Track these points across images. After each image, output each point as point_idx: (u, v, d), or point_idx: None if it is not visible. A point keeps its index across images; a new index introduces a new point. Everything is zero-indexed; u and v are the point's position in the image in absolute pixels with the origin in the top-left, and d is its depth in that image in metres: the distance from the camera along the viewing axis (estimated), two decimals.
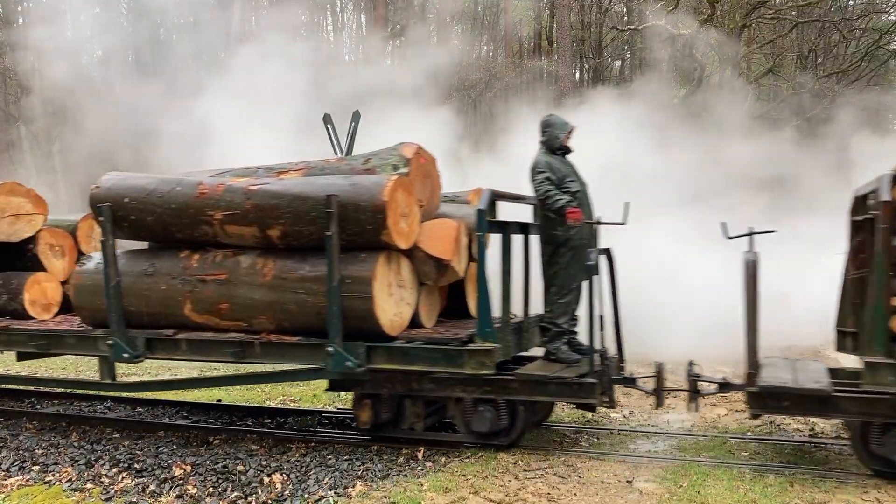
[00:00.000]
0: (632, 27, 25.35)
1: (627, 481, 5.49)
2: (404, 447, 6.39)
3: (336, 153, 9.32)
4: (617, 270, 6.56)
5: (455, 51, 24.53)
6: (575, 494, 5.25)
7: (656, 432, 6.99)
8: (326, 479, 5.74)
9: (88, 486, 5.89)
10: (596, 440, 6.79)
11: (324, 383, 7.04)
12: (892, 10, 24.99)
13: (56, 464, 6.44)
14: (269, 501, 5.43)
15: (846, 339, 6.18)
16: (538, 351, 6.88)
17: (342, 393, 8.49)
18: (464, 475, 5.63)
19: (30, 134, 29.09)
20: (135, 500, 5.58)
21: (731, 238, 5.81)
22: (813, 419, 7.03)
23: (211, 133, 14.84)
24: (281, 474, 5.90)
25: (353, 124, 9.18)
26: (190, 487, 5.75)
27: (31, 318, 7.80)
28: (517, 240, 6.52)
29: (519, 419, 6.22)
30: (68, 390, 9.03)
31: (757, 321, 5.62)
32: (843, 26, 23.98)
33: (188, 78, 19.56)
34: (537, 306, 6.88)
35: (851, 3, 25.59)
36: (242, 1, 22.68)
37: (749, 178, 14.91)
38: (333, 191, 5.82)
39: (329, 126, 9.25)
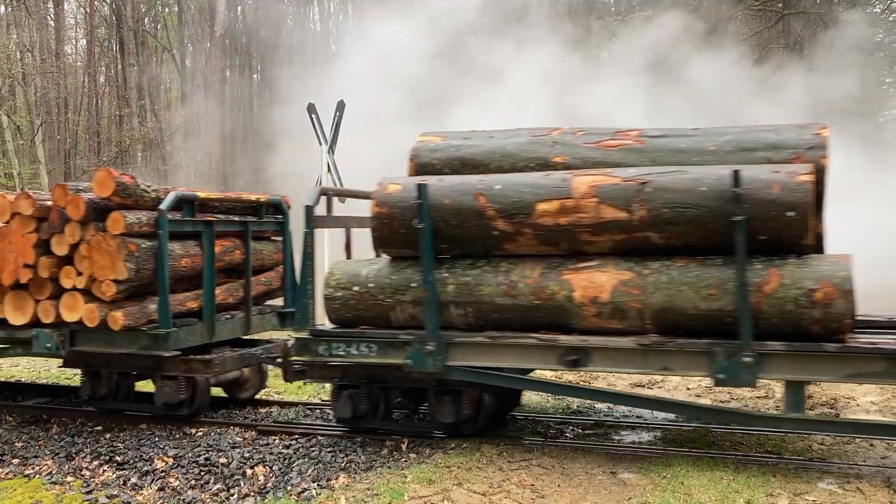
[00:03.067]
0: (618, 17, 25.32)
1: (611, 472, 5.48)
2: (388, 439, 6.37)
3: (320, 143, 9.26)
4: None
5: None
6: (559, 486, 5.24)
7: (640, 423, 6.99)
8: (310, 472, 5.71)
9: (69, 479, 5.83)
10: (580, 431, 6.79)
11: None
12: (877, 2, 25.05)
13: (36, 457, 6.37)
14: (252, 494, 5.40)
15: None
16: None
17: (327, 385, 8.44)
18: (448, 467, 5.61)
19: (12, 124, 28.77)
20: (116, 492, 5.52)
21: None
22: None
23: None
24: (264, 466, 5.86)
25: (337, 114, 9.11)
26: (172, 480, 5.70)
27: None
28: None
29: None
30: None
31: None
32: (829, 18, 24.03)
33: None
34: None
35: None
36: None
37: None
38: None
39: (313, 116, 9.18)
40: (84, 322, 6.59)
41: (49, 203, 6.75)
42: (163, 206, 6.61)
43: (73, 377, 9.23)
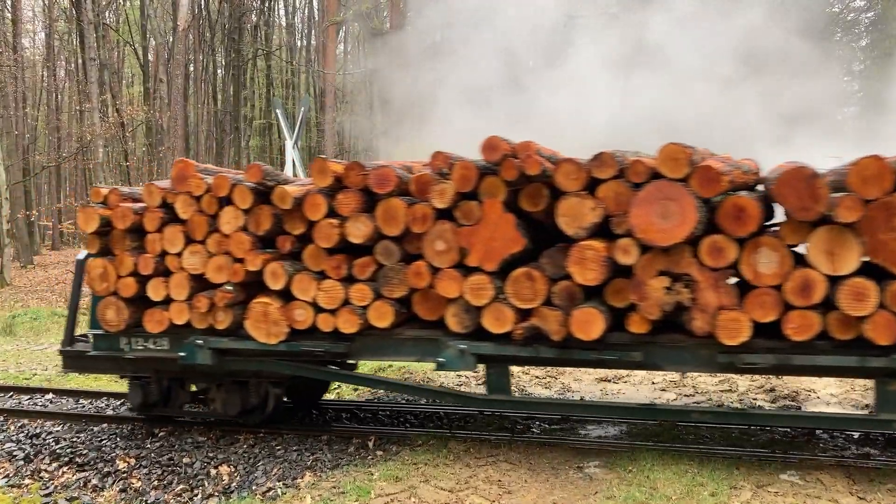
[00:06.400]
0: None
1: (578, 467, 5.51)
2: (355, 437, 6.33)
3: (288, 138, 9.18)
4: None
5: None
6: (525, 481, 5.25)
7: (606, 418, 7.04)
8: (275, 471, 5.65)
9: (27, 481, 5.71)
10: (547, 426, 6.81)
11: None
12: (835, 2, 25.57)
13: None
14: (216, 493, 5.33)
15: None
16: None
17: None
18: (415, 464, 5.59)
19: None
20: (76, 494, 5.42)
21: None
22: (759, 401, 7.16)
23: None
24: (228, 466, 5.79)
25: (302, 109, 9.04)
26: (134, 481, 5.61)
27: None
28: None
29: None
30: None
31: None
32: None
33: None
34: None
35: None
36: None
37: None
38: None
39: (278, 111, 9.10)
40: None
41: None
42: None
43: None
